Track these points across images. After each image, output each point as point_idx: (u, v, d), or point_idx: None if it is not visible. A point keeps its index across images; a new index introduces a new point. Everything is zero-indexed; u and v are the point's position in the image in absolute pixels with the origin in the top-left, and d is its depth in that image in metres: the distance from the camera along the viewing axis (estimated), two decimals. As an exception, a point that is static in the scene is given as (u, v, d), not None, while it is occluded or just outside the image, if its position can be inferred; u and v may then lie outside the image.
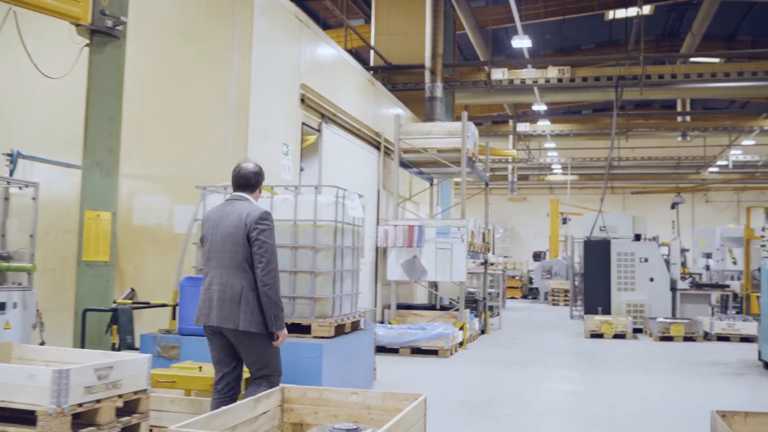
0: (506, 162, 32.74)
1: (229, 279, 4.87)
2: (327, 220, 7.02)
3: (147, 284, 9.19)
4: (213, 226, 5.03)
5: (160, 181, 9.45)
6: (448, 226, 13.23)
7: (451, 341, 12.04)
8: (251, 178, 5.14)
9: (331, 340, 6.87)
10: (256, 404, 4.55)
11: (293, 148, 10.18)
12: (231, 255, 4.89)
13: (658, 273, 16.57)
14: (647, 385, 9.49)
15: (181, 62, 9.41)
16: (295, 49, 10.38)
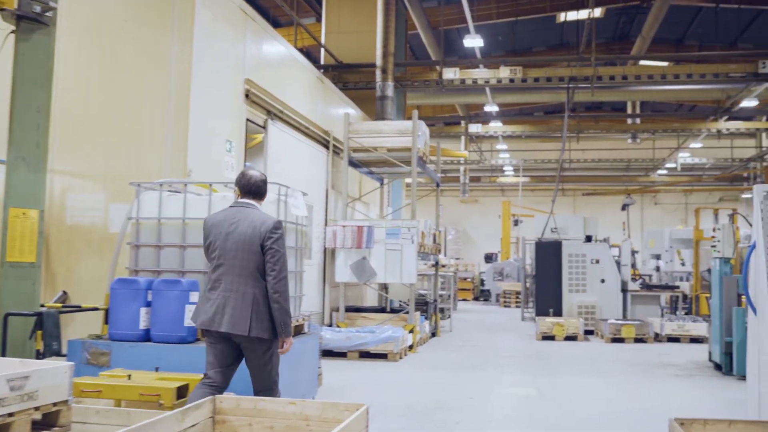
0: (458, 163, 32.66)
1: (242, 286, 4.91)
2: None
3: (81, 287, 8.72)
4: (223, 233, 5.01)
5: (95, 178, 8.98)
6: (398, 227, 12.96)
7: (401, 345, 11.76)
8: (262, 186, 5.21)
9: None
10: (184, 416, 4.20)
11: (237, 145, 9.79)
12: (243, 262, 4.93)
13: (609, 274, 16.53)
14: (600, 387, 9.32)
15: (119, 53, 8.96)
16: (239, 42, 9.99)
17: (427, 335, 14.41)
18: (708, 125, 24.19)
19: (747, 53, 18.45)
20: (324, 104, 13.94)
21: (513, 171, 36.47)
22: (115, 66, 8.93)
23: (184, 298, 6.37)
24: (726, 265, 10.61)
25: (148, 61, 8.84)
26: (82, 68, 8.96)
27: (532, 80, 18.46)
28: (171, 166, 8.31)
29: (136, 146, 8.74)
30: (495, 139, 32.68)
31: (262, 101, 10.61)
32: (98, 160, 8.92)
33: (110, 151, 8.86)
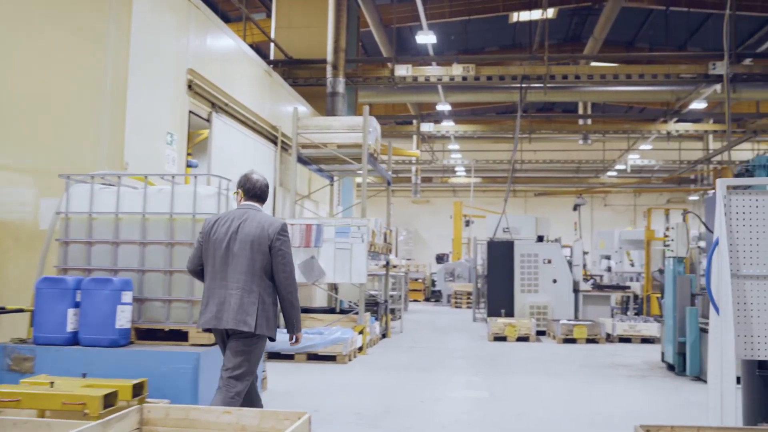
0: (409, 163, 32.42)
1: (248, 285, 4.98)
2: (208, 214, 6.24)
3: (9, 287, 8.14)
4: (231, 232, 5.08)
5: (24, 171, 8.41)
6: (347, 225, 12.60)
7: (350, 346, 11.41)
8: (265, 191, 5.38)
9: (211, 348, 6.10)
10: (106, 428, 3.79)
11: (179, 138, 9.34)
12: (250, 262, 5.00)
13: (561, 274, 16.42)
14: (554, 389, 9.10)
15: (51, 39, 8.42)
16: (182, 30, 9.54)
17: (377, 336, 14.09)
18: (658, 127, 24.34)
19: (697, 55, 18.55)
20: (272, 99, 13.52)
21: (465, 172, 36.39)
22: (46, 51, 8.39)
23: (115, 298, 5.92)
24: (679, 264, 10.50)
25: (81, 46, 8.32)
26: (7, 53, 8.40)
27: (485, 78, 18.26)
28: (106, 158, 7.83)
29: (69, 137, 8.22)
30: (447, 140, 32.54)
31: (207, 93, 10.17)
32: (27, 152, 8.36)
33: (40, 143, 8.31)
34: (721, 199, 5.38)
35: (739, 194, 5.39)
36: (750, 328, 5.18)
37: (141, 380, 5.43)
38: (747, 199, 5.35)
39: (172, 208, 6.29)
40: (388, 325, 15.51)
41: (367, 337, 12.97)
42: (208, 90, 10.19)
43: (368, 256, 12.86)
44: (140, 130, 8.33)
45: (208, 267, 5.12)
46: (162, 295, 6.21)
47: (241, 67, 11.99)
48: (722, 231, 5.31)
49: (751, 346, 5.18)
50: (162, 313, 6.23)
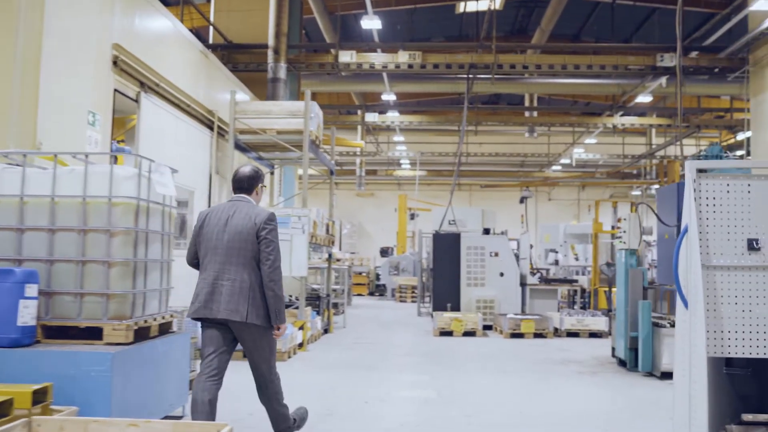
0: (354, 155, 31.86)
1: (239, 275, 5.08)
2: (126, 197, 5.58)
3: None
4: (220, 224, 5.22)
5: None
6: (287, 216, 11.97)
7: (289, 343, 10.81)
8: (245, 181, 5.41)
9: (129, 348, 5.45)
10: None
11: (103, 118, 8.59)
12: (240, 252, 5.11)
13: (508, 268, 16.05)
14: (503, 388, 8.65)
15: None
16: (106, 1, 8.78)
17: (319, 332, 13.52)
18: (603, 120, 24.24)
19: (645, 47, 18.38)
20: (209, 83, 12.81)
21: (410, 165, 35.98)
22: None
23: (17, 292, 5.21)
24: (632, 257, 10.16)
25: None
26: None
27: (431, 66, 17.77)
28: (16, 137, 7.06)
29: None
30: (392, 132, 32.09)
31: (135, 71, 9.42)
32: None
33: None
34: (690, 183, 4.94)
35: (710, 178, 4.96)
36: (720, 323, 4.76)
37: (44, 385, 4.77)
38: (718, 183, 4.93)
39: (85, 190, 5.59)
40: (331, 320, 14.94)
41: (308, 332, 12.39)
42: (137, 68, 9.45)
43: (309, 248, 12.27)
44: (56, 108, 7.58)
45: (201, 259, 5.29)
46: (73, 288, 5.52)
47: (175, 47, 11.27)
48: (692, 218, 4.87)
49: (721, 342, 4.77)
50: (73, 308, 5.53)
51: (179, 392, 6.43)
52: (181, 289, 7.46)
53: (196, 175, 11.84)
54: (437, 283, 16.33)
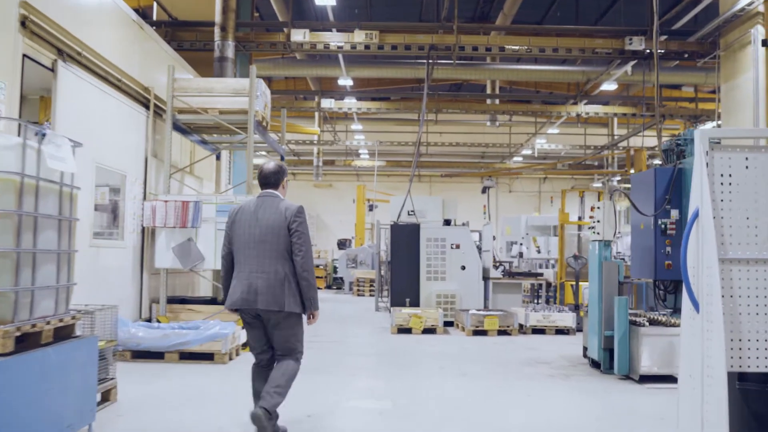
0: (311, 143, 30.80)
1: (273, 267, 5.33)
2: (4, 172, 4.51)
3: None
4: (252, 219, 5.45)
5: None
6: (231, 203, 10.91)
7: (231, 343, 9.75)
8: (270, 177, 5.62)
9: (8, 359, 4.38)
10: None
11: (10, 86, 7.42)
12: (273, 246, 5.37)
13: (470, 261, 15.17)
14: (469, 395, 7.71)
15: None
16: (14, -46, 7.62)
17: (267, 330, 12.48)
18: (568, 108, 23.48)
19: (613, 30, 17.59)
20: (144, 56, 11.64)
21: (368, 155, 35.03)
22: None
23: None
24: (606, 248, 9.30)
25: None
26: None
27: (389, 48, 16.76)
28: None
29: None
30: (350, 120, 31.08)
31: (50, 36, 8.26)
32: None
33: None
34: (702, 157, 4.01)
35: (726, 151, 4.05)
36: (738, 330, 3.88)
37: None
38: (736, 157, 4.02)
39: (-47, 163, 4.50)
40: (281, 316, 13.90)
41: (254, 331, 11.34)
42: (53, 33, 8.29)
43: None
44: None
45: (235, 254, 5.51)
46: (-61, 285, 4.43)
47: (102, 13, 10.09)
48: (704, 200, 3.95)
49: (739, 353, 3.88)
50: (-61, 310, 4.45)
51: (82, 411, 5.34)
52: (125, 285, 6.41)
53: (128, 158, 10.70)
54: (395, 276, 15.39)
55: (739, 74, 14.95)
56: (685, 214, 9.39)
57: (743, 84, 14.78)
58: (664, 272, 9.38)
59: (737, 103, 14.96)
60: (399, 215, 15.87)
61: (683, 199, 9.45)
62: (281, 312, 5.29)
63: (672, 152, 10.00)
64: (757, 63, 14.23)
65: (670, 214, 9.45)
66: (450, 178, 38.73)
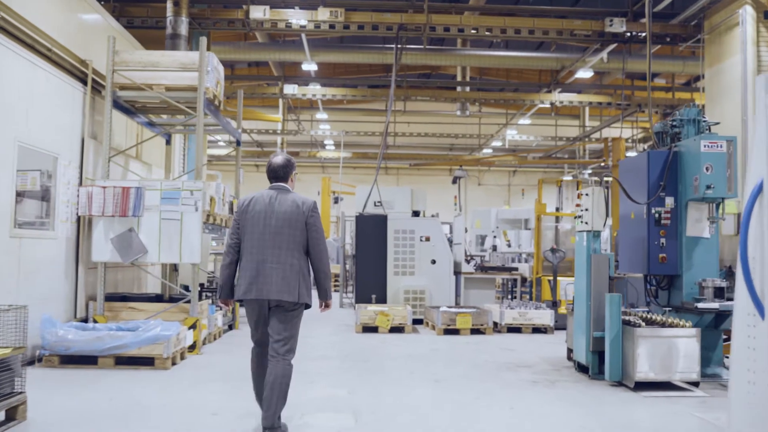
0: (275, 132, 29.61)
1: (289, 258, 5.41)
2: None
3: None
4: (267, 210, 5.47)
5: None
6: (177, 190, 9.80)
7: (175, 345, 8.67)
8: (279, 170, 5.65)
9: None
10: None
11: None
12: (290, 237, 5.45)
13: (441, 254, 14.20)
14: (441, 407, 6.71)
15: None
16: None
17: (219, 329, 11.40)
18: (541, 97, 22.59)
19: (592, 11, 16.70)
20: (83, 28, 10.46)
21: (334, 146, 33.94)
22: None
23: None
24: (595, 240, 8.35)
25: None
26: None
27: (355, 27, 15.70)
28: None
29: None
30: (315, 110, 29.95)
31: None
32: None
33: None
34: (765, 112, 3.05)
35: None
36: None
37: None
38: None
39: None
40: (237, 314, 12.82)
41: (204, 331, 10.27)
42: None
43: (204, 229, 10.14)
44: None
45: (246, 243, 5.48)
46: None
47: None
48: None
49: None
50: None
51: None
52: (57, 280, 5.23)
53: (61, 138, 9.50)
54: (361, 271, 14.36)
55: (725, 58, 14.15)
56: (681, 202, 8.51)
57: (729, 68, 13.98)
58: (659, 266, 8.52)
59: (723, 88, 14.16)
60: (365, 206, 14.84)
61: (679, 185, 8.58)
62: (295, 303, 5.38)
63: (665, 135, 9.11)
64: (746, 45, 13.44)
65: (665, 203, 8.59)
66: (418, 171, 37.80)
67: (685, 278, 8.43)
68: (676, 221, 8.53)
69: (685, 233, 8.44)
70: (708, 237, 8.42)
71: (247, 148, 34.81)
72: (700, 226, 8.43)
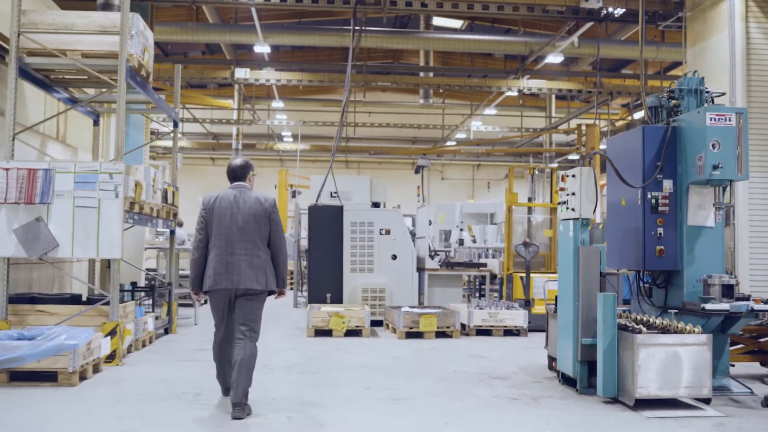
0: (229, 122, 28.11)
1: (255, 250, 6.02)
2: None
3: None
4: (232, 207, 6.08)
5: None
6: (94, 172, 8.35)
7: (84, 357, 7.23)
8: (238, 170, 6.35)
9: None
10: None
11: None
12: (254, 231, 6.05)
13: (403, 249, 12.90)
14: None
15: None
16: None
17: (150, 334, 9.96)
18: (509, 83, 21.42)
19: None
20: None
21: (292, 138, 32.48)
22: None
23: None
24: (584, 229, 7.09)
25: None
26: None
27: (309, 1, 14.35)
28: None
29: None
30: (272, 100, 28.51)
31: None
32: None
33: None
34: None
35: None
36: None
37: None
38: None
39: None
40: (174, 316, 11.39)
41: (128, 338, 8.83)
42: None
43: (128, 219, 8.70)
44: None
45: (214, 239, 6.05)
46: None
47: None
48: None
49: None
50: None
51: None
52: None
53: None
54: (314, 268, 12.98)
55: (710, 35, 13.02)
56: (681, 186, 7.31)
57: (714, 46, 12.86)
58: (655, 261, 7.30)
59: (707, 68, 13.01)
60: (319, 195, 13.48)
61: (678, 166, 7.36)
62: (262, 290, 5.97)
63: (660, 109, 7.89)
64: (733, 20, 12.31)
65: (663, 186, 7.37)
66: (380, 165, 36.50)
67: (686, 274, 7.22)
68: (675, 208, 7.32)
69: (686, 222, 7.25)
70: (712, 226, 7.23)
71: (203, 140, 33.25)
72: (704, 213, 7.24)
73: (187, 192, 33.83)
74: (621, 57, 20.72)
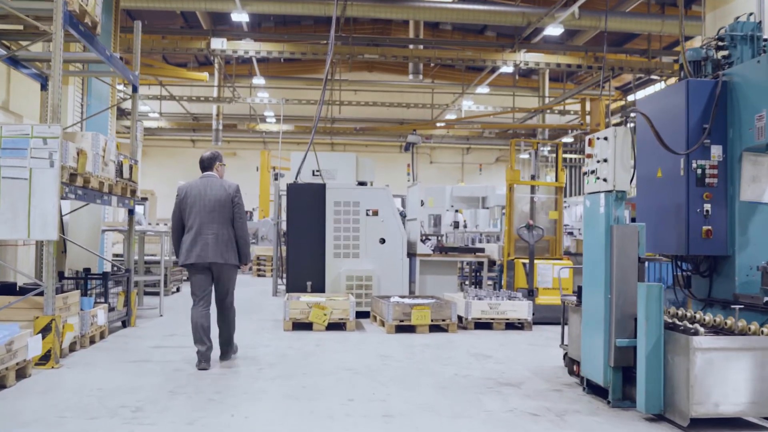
0: (208, 100, 26.66)
1: (221, 230, 7.08)
2: None
3: None
4: (201, 194, 7.15)
5: None
6: (24, 137, 6.97)
7: (3, 361, 5.87)
8: (206, 162, 7.40)
9: None
10: None
11: None
12: (220, 214, 7.10)
13: (392, 232, 11.60)
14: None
15: None
16: None
17: (101, 328, 8.60)
18: (505, 56, 20.08)
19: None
20: None
21: (275, 119, 31.05)
22: None
23: None
24: (618, 205, 5.77)
25: None
26: None
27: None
28: None
29: None
30: (252, 77, 27.08)
31: None
32: None
33: None
34: None
35: None
36: None
37: None
38: None
39: None
40: (133, 307, 10.04)
41: (69, 334, 7.47)
42: None
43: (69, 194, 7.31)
44: None
45: (188, 221, 7.12)
46: None
47: None
48: None
49: None
50: None
51: None
52: None
53: None
54: (293, 253, 11.66)
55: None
56: (733, 154, 6.02)
57: (738, 8, 11.62)
58: (701, 244, 6.00)
59: (730, 33, 11.78)
60: (298, 173, 12.14)
61: (729, 129, 6.05)
62: (225, 264, 7.09)
63: (705, 63, 6.57)
64: (764, -24, 11.06)
65: (711, 153, 6.08)
66: (366, 147, 35.16)
67: (739, 261, 5.94)
68: (724, 181, 6.04)
69: (738, 197, 5.97)
70: (771, 202, 5.96)
71: (183, 121, 31.81)
72: (760, 187, 5.97)
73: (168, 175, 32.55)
74: (625, 30, 19.43)
